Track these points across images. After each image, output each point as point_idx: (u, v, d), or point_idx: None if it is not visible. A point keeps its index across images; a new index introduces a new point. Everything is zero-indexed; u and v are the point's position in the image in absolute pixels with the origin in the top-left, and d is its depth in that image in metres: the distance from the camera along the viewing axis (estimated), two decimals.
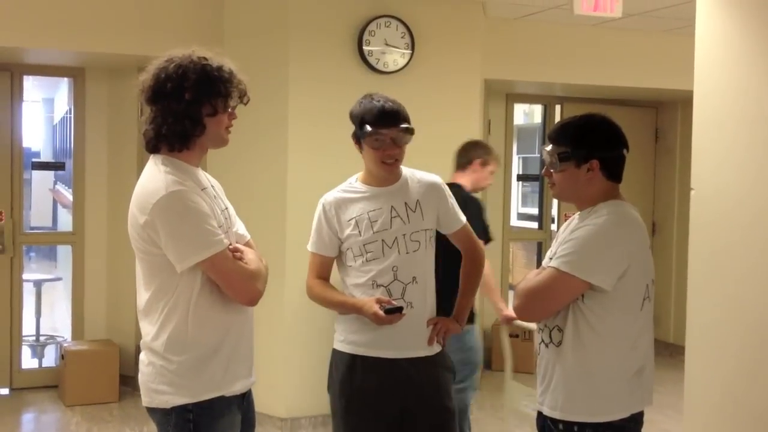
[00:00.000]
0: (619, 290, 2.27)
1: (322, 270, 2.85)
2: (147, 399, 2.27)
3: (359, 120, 2.72)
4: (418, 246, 2.73)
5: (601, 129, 2.40)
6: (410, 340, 2.73)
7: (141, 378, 2.29)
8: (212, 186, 2.38)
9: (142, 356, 2.30)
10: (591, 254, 2.26)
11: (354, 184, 2.82)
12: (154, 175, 2.20)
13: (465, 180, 4.05)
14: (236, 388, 2.29)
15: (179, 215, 2.14)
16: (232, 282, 2.21)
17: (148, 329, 2.26)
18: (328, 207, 2.81)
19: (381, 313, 2.62)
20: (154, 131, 2.24)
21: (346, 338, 2.78)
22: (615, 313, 2.29)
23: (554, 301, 2.30)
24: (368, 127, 2.67)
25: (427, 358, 2.76)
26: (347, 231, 2.74)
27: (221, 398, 2.24)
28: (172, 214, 2.14)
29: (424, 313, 2.76)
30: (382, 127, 2.67)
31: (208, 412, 2.22)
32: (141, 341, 2.31)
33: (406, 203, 2.75)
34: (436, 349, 2.80)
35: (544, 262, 2.43)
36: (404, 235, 2.72)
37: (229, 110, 2.29)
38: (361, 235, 2.72)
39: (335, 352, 2.83)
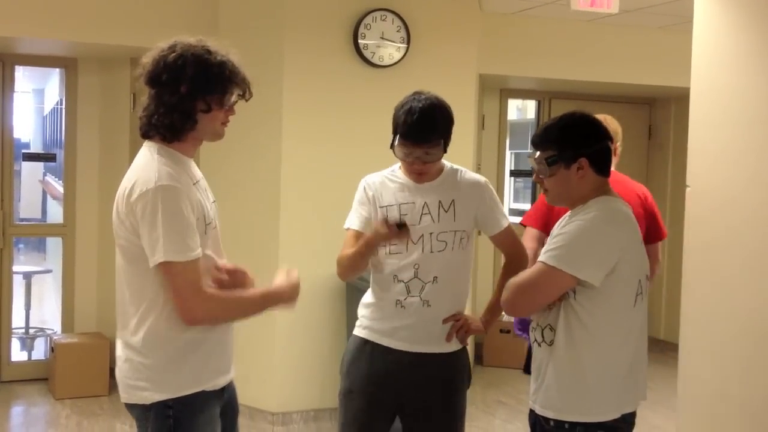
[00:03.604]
0: (610, 286, 2.26)
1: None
2: (125, 395, 2.24)
3: (394, 124, 2.63)
4: (444, 246, 2.66)
5: (583, 126, 2.38)
6: (422, 336, 2.69)
7: (118, 374, 2.25)
8: (203, 178, 2.35)
9: (119, 351, 2.25)
10: (579, 249, 2.24)
11: (396, 172, 2.76)
12: (149, 164, 2.15)
13: None
14: (217, 383, 2.26)
15: (166, 211, 2.08)
16: (181, 293, 2.11)
17: (125, 323, 2.22)
18: (369, 186, 2.75)
19: (381, 227, 2.56)
20: (146, 118, 2.20)
21: (363, 323, 2.77)
22: (607, 309, 2.27)
23: (541, 296, 2.29)
24: (398, 138, 2.60)
25: (439, 356, 2.71)
26: (377, 216, 2.70)
27: (202, 393, 2.21)
28: (159, 208, 2.08)
29: (440, 313, 2.69)
30: (410, 144, 2.60)
31: (189, 408, 2.19)
32: (118, 334, 2.26)
33: (440, 201, 2.68)
34: (454, 347, 2.74)
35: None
36: (431, 233, 2.65)
37: (226, 107, 2.23)
38: None
39: (352, 337, 2.82)
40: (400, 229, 2.56)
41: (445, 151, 2.68)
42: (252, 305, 2.35)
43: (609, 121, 3.50)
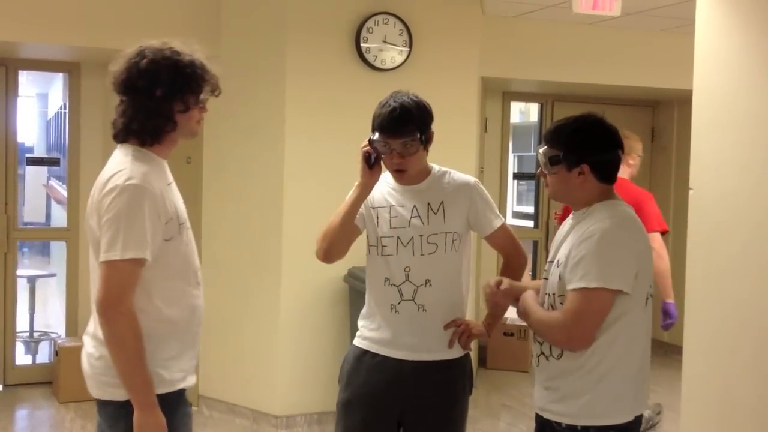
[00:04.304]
0: (633, 292, 2.26)
1: None
2: (98, 391, 2.25)
3: (372, 121, 2.64)
4: (436, 249, 2.64)
5: (594, 132, 2.36)
6: (421, 343, 2.65)
7: (90, 371, 2.26)
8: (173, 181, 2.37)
9: (91, 348, 2.26)
10: (609, 262, 2.22)
11: (387, 177, 2.75)
12: (124, 163, 2.19)
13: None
14: (188, 382, 2.29)
15: (131, 209, 2.11)
16: (110, 288, 2.12)
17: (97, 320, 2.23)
18: None
19: (364, 159, 2.60)
20: (124, 125, 2.24)
21: (362, 333, 2.75)
22: (627, 314, 2.27)
23: (597, 320, 2.24)
24: (376, 134, 2.61)
25: (440, 363, 2.68)
26: (370, 216, 2.70)
27: (177, 390, 2.24)
28: (125, 206, 2.11)
29: (438, 318, 2.66)
30: (386, 137, 2.59)
31: (163, 404, 2.20)
32: (87, 331, 2.28)
33: (429, 204, 2.66)
34: (456, 353, 2.70)
35: (546, 267, 2.43)
36: (421, 236, 2.63)
37: (201, 104, 2.28)
38: (378, 227, 2.68)
39: (351, 347, 2.80)
40: (371, 167, 2.60)
41: (426, 147, 2.65)
42: (136, 371, 2.15)
43: (628, 135, 3.60)
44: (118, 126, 2.25)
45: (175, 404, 2.22)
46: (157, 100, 2.19)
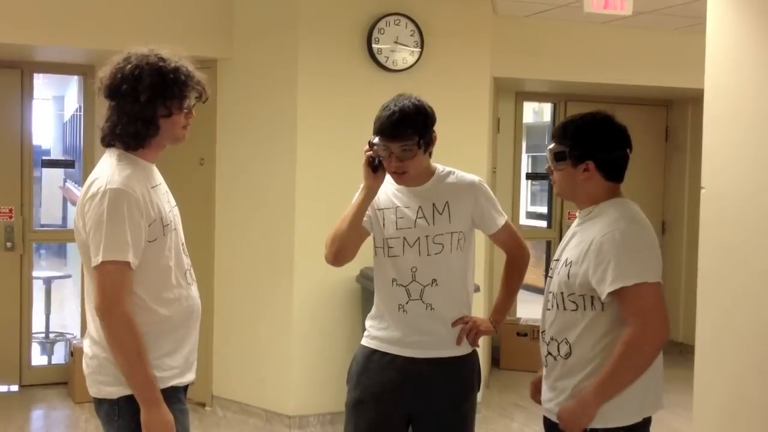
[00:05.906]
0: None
1: None
2: (94, 390, 2.29)
3: (373, 125, 2.66)
4: (441, 249, 2.66)
5: (600, 129, 2.36)
6: (430, 341, 2.68)
7: (86, 370, 2.31)
8: (163, 183, 2.41)
9: (87, 348, 2.32)
10: (641, 257, 2.22)
11: (390, 179, 2.76)
12: (105, 168, 2.25)
13: None
14: (183, 379, 2.33)
15: (111, 213, 2.16)
16: (106, 293, 2.17)
17: (91, 321, 2.28)
18: None
19: (368, 163, 2.64)
20: (109, 129, 2.29)
21: (371, 333, 2.77)
22: None
23: (661, 308, 2.23)
24: (376, 137, 2.63)
25: (449, 360, 2.71)
26: (373, 217, 2.72)
27: (170, 387, 2.27)
28: (105, 210, 2.16)
29: (446, 317, 2.69)
30: (385, 141, 2.61)
31: None
32: (86, 332, 2.34)
33: (434, 204, 2.68)
34: (464, 350, 2.74)
35: (552, 266, 2.43)
36: (427, 236, 2.66)
37: (186, 111, 2.31)
38: (384, 229, 2.70)
39: (360, 347, 2.82)
40: (375, 171, 2.63)
41: (425, 151, 2.65)
42: (137, 370, 2.19)
43: None
44: (104, 130, 2.31)
45: (168, 401, 2.24)
46: (141, 104, 2.23)
